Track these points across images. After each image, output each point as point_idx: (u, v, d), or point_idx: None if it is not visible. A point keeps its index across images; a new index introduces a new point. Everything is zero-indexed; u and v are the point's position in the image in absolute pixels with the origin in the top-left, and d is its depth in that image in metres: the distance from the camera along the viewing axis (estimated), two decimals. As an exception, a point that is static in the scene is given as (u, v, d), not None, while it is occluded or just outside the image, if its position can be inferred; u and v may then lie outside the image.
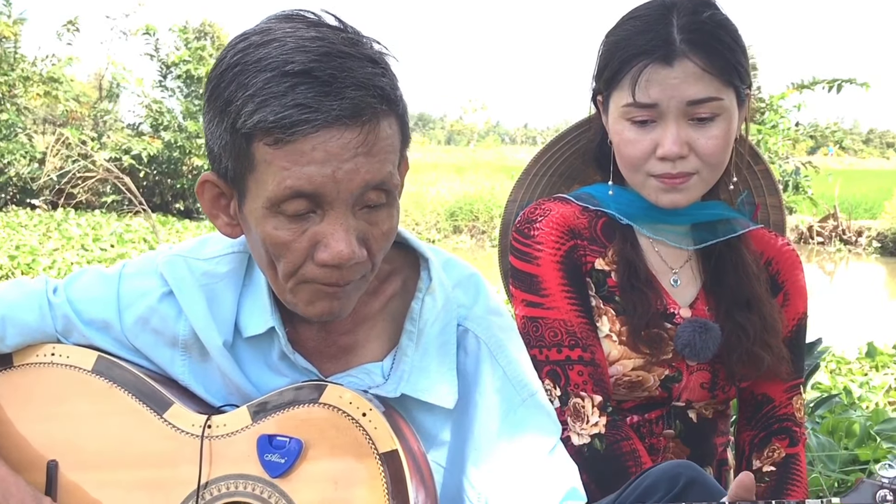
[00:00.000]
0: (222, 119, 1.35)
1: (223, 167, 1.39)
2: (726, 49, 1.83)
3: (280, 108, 1.29)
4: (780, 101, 8.34)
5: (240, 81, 1.32)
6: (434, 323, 1.56)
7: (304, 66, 1.29)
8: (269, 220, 1.36)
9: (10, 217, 14.22)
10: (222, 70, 1.36)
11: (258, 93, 1.30)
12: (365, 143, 1.32)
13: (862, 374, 5.65)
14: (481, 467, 1.56)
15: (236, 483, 1.47)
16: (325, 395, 1.46)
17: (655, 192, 1.90)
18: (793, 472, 2.00)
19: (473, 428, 1.57)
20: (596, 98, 1.99)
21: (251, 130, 1.31)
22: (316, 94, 1.29)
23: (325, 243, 1.36)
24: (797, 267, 2.08)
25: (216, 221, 1.47)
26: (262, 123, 1.30)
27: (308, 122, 1.29)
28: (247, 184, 1.37)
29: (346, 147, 1.31)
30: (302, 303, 1.43)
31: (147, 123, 18.00)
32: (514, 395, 1.58)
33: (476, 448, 1.57)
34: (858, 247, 18.14)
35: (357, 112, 1.30)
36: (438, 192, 20.00)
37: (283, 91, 1.29)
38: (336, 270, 1.38)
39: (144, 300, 1.58)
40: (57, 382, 1.58)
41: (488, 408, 1.57)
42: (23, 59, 17.19)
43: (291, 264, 1.38)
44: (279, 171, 1.31)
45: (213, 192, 1.46)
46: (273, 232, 1.36)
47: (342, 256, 1.35)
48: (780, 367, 1.98)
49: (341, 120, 1.30)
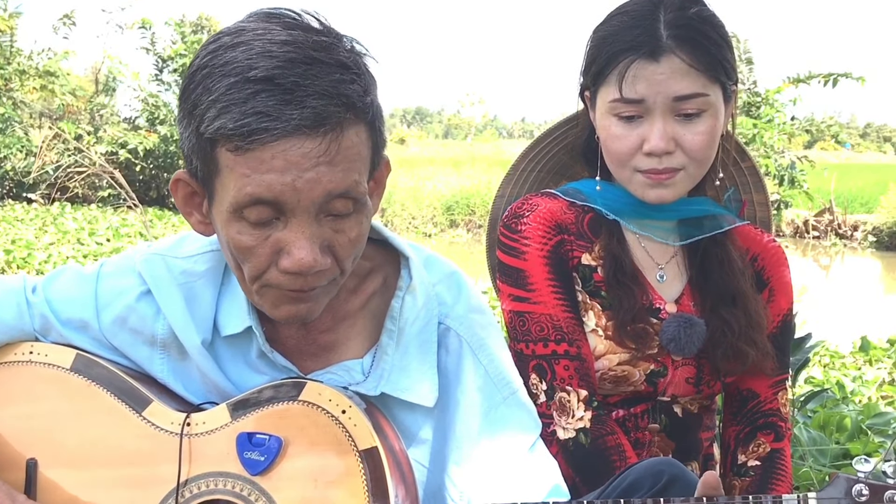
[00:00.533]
0: (190, 121, 1.35)
1: (193, 167, 1.40)
2: (713, 45, 1.83)
3: (240, 116, 1.28)
4: (776, 96, 8.35)
5: (206, 85, 1.32)
6: (414, 322, 1.56)
7: (267, 72, 1.29)
8: (233, 224, 1.36)
9: (7, 211, 14.20)
10: (193, 71, 1.36)
11: (220, 98, 1.30)
12: (327, 153, 1.31)
13: (855, 368, 5.66)
14: (463, 465, 1.57)
15: (216, 481, 1.47)
16: (304, 392, 1.46)
17: (642, 188, 1.90)
18: (777, 467, 2.00)
19: (455, 426, 1.57)
20: (583, 93, 1.99)
21: (213, 136, 1.31)
22: (276, 102, 1.28)
23: (287, 251, 1.35)
24: (783, 263, 2.08)
25: (190, 219, 1.47)
26: (223, 130, 1.30)
27: (267, 130, 1.28)
28: (214, 186, 1.37)
29: (307, 156, 1.30)
30: (268, 305, 1.43)
31: (143, 117, 17.96)
32: (495, 394, 1.59)
33: (457, 446, 1.57)
34: (854, 241, 18.15)
35: (318, 121, 1.29)
36: (435, 186, 19.99)
37: (245, 98, 1.28)
38: (299, 277, 1.37)
39: (122, 299, 1.58)
40: (35, 381, 1.57)
41: (469, 406, 1.57)
42: (19, 52, 17.17)
43: (255, 269, 1.38)
44: (240, 177, 1.31)
45: (186, 191, 1.46)
46: (237, 236, 1.36)
47: (304, 265, 1.35)
48: (765, 362, 1.99)
49: (301, 129, 1.29)
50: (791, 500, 1.35)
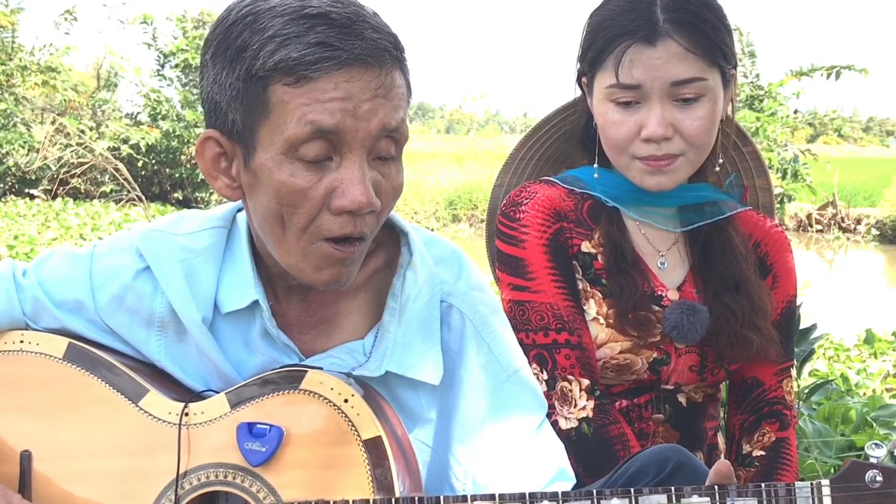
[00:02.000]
0: (233, 68, 1.34)
1: (229, 121, 1.37)
2: (710, 28, 1.81)
3: (302, 47, 1.30)
4: (779, 89, 8.32)
5: (254, 28, 1.32)
6: (416, 298, 1.54)
7: (321, 9, 1.31)
8: (286, 166, 1.34)
9: (9, 207, 14.19)
10: (230, 24, 1.35)
11: (277, 34, 1.31)
12: (383, 86, 1.34)
13: (860, 360, 5.65)
14: (468, 445, 1.55)
15: (216, 472, 1.45)
16: (305, 381, 1.43)
17: (641, 175, 1.88)
18: (783, 456, 1.99)
19: (459, 405, 1.56)
20: (580, 80, 1.97)
21: (270, 72, 1.31)
22: (337, 33, 1.31)
23: (342, 190, 1.34)
24: (786, 249, 2.06)
25: (215, 183, 1.44)
26: (284, 63, 1.30)
27: (330, 59, 1.30)
28: (258, 134, 1.35)
29: (367, 87, 1.32)
30: (310, 268, 1.41)
31: (145, 113, 17.96)
32: (499, 371, 1.58)
33: (462, 425, 1.55)
34: (857, 234, 18.10)
35: (377, 53, 1.33)
36: (437, 180, 19.97)
37: (304, 31, 1.30)
38: (351, 220, 1.36)
39: (119, 278, 1.55)
40: (27, 370, 1.54)
41: (474, 384, 1.56)
42: (21, 48, 17.12)
43: (307, 215, 1.36)
44: (299, 107, 1.31)
45: (214, 152, 1.42)
46: (289, 179, 1.34)
47: (361, 202, 1.34)
48: (770, 349, 1.97)
49: (363, 59, 1.31)
50: (804, 488, 1.33)
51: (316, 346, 1.54)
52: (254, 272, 1.51)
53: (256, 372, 1.51)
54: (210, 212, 1.61)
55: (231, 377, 1.52)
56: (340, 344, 1.54)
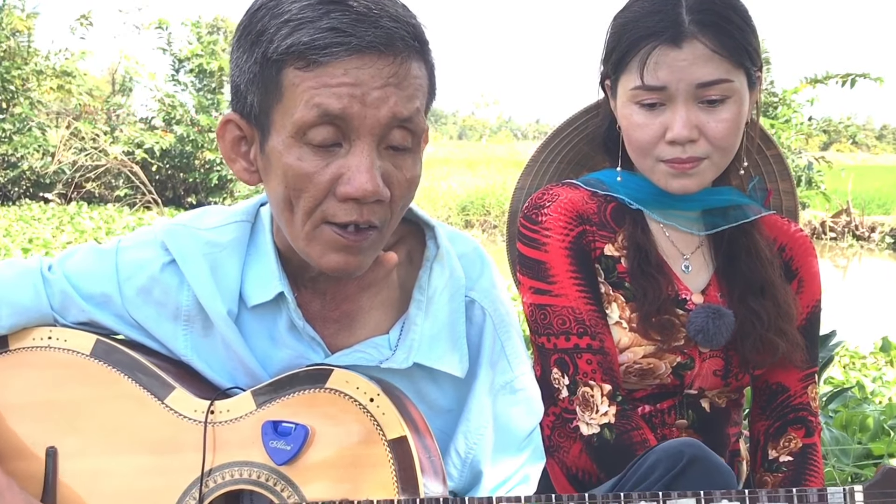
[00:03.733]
0: (252, 51, 1.35)
1: (248, 105, 1.38)
2: (736, 30, 1.80)
3: (314, 31, 1.30)
4: (793, 96, 8.30)
5: (274, 12, 1.33)
6: (443, 291, 1.54)
7: None
8: (294, 150, 1.34)
9: (24, 210, 14.25)
10: (255, 10, 1.37)
11: (293, 18, 1.31)
12: (396, 76, 1.32)
13: (876, 368, 5.62)
14: (469, 440, 1.56)
15: (241, 470, 1.45)
16: (331, 379, 1.43)
17: (665, 177, 1.87)
18: (810, 462, 1.97)
19: (470, 400, 1.57)
20: (604, 82, 1.96)
21: (283, 56, 1.31)
22: (351, 20, 1.30)
23: (348, 176, 1.34)
24: (811, 253, 2.04)
25: (234, 166, 1.45)
26: (296, 46, 1.30)
27: (341, 45, 1.29)
28: (272, 117, 1.35)
29: (378, 75, 1.31)
30: (316, 252, 1.40)
31: (159, 117, 17.99)
32: (507, 371, 1.59)
33: (467, 419, 1.56)
34: (871, 242, 18.01)
35: (390, 42, 1.31)
36: (450, 186, 19.98)
37: (318, 16, 1.30)
38: (356, 207, 1.35)
39: (145, 271, 1.55)
40: (55, 367, 1.54)
41: (485, 381, 1.57)
42: (36, 53, 17.19)
43: (312, 199, 1.36)
44: (307, 91, 1.31)
45: (234, 135, 1.43)
46: (296, 163, 1.34)
47: (366, 189, 1.33)
48: (795, 354, 1.95)
49: (375, 46, 1.30)
50: (837, 493, 1.32)
51: (339, 341, 1.54)
52: (278, 264, 1.51)
53: (282, 366, 1.51)
54: (233, 206, 1.62)
55: (257, 371, 1.52)
56: (364, 339, 1.54)
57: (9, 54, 16.64)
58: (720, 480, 1.53)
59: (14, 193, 16.42)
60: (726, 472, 1.56)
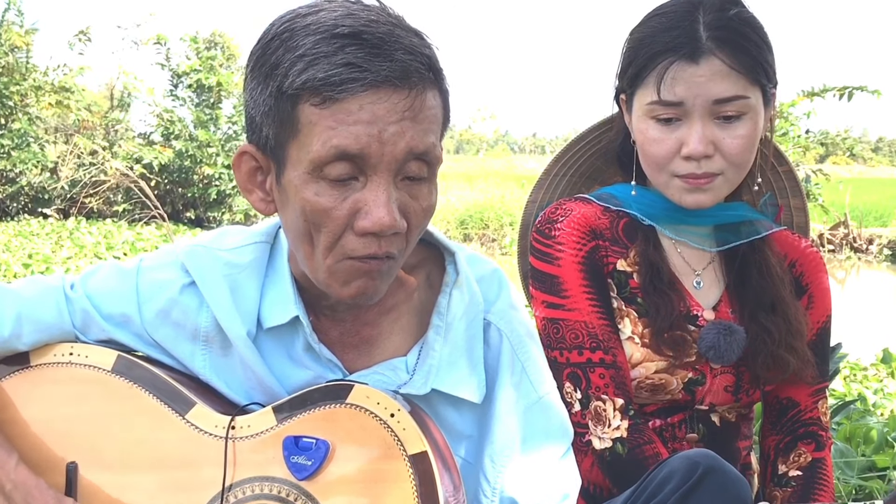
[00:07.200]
0: (267, 84, 1.34)
1: (263, 137, 1.38)
2: (753, 47, 1.80)
3: (329, 67, 1.29)
4: (790, 109, 8.31)
5: (287, 45, 1.33)
6: (462, 317, 1.55)
7: (353, 28, 1.30)
8: (311, 185, 1.35)
9: (23, 226, 14.25)
10: (268, 40, 1.36)
11: (307, 53, 1.31)
12: (412, 109, 1.32)
13: (877, 380, 5.63)
14: (498, 465, 1.56)
15: (261, 485, 1.45)
16: (351, 395, 1.44)
17: (679, 193, 1.88)
18: (819, 477, 1.97)
19: (493, 425, 1.56)
20: (619, 97, 1.97)
21: (298, 91, 1.31)
22: (366, 54, 1.29)
23: (365, 210, 1.34)
24: (821, 269, 2.05)
25: (250, 197, 1.46)
26: (310, 83, 1.30)
27: (357, 80, 1.29)
28: (287, 151, 1.36)
29: (393, 110, 1.31)
30: (338, 283, 1.41)
31: (158, 132, 18.02)
32: (531, 392, 1.58)
33: (493, 444, 1.56)
34: (869, 255, 18.05)
35: (405, 75, 1.31)
36: (448, 200, 19.99)
37: (333, 51, 1.30)
38: (375, 240, 1.36)
39: (165, 292, 1.56)
40: (76, 382, 1.56)
41: (507, 404, 1.57)
42: (35, 68, 17.20)
43: (331, 234, 1.36)
44: (325, 130, 1.31)
45: (250, 166, 1.44)
46: (314, 198, 1.35)
47: (383, 223, 1.33)
48: (806, 370, 1.95)
49: (390, 81, 1.30)
50: None
51: (358, 365, 1.55)
52: (294, 288, 1.52)
53: (300, 386, 1.51)
54: (253, 227, 1.62)
55: (275, 391, 1.53)
56: (382, 361, 1.55)
57: (7, 70, 16.66)
58: (736, 492, 1.53)
59: (13, 209, 16.42)
60: (742, 484, 1.56)
